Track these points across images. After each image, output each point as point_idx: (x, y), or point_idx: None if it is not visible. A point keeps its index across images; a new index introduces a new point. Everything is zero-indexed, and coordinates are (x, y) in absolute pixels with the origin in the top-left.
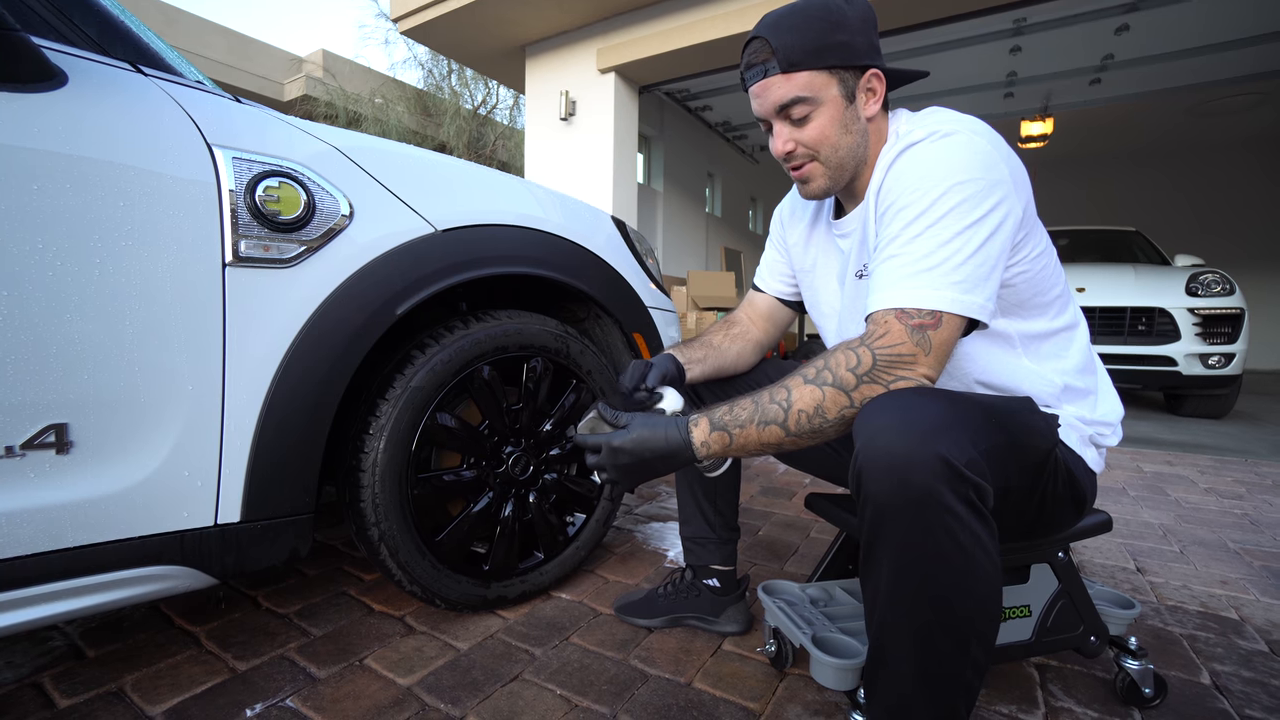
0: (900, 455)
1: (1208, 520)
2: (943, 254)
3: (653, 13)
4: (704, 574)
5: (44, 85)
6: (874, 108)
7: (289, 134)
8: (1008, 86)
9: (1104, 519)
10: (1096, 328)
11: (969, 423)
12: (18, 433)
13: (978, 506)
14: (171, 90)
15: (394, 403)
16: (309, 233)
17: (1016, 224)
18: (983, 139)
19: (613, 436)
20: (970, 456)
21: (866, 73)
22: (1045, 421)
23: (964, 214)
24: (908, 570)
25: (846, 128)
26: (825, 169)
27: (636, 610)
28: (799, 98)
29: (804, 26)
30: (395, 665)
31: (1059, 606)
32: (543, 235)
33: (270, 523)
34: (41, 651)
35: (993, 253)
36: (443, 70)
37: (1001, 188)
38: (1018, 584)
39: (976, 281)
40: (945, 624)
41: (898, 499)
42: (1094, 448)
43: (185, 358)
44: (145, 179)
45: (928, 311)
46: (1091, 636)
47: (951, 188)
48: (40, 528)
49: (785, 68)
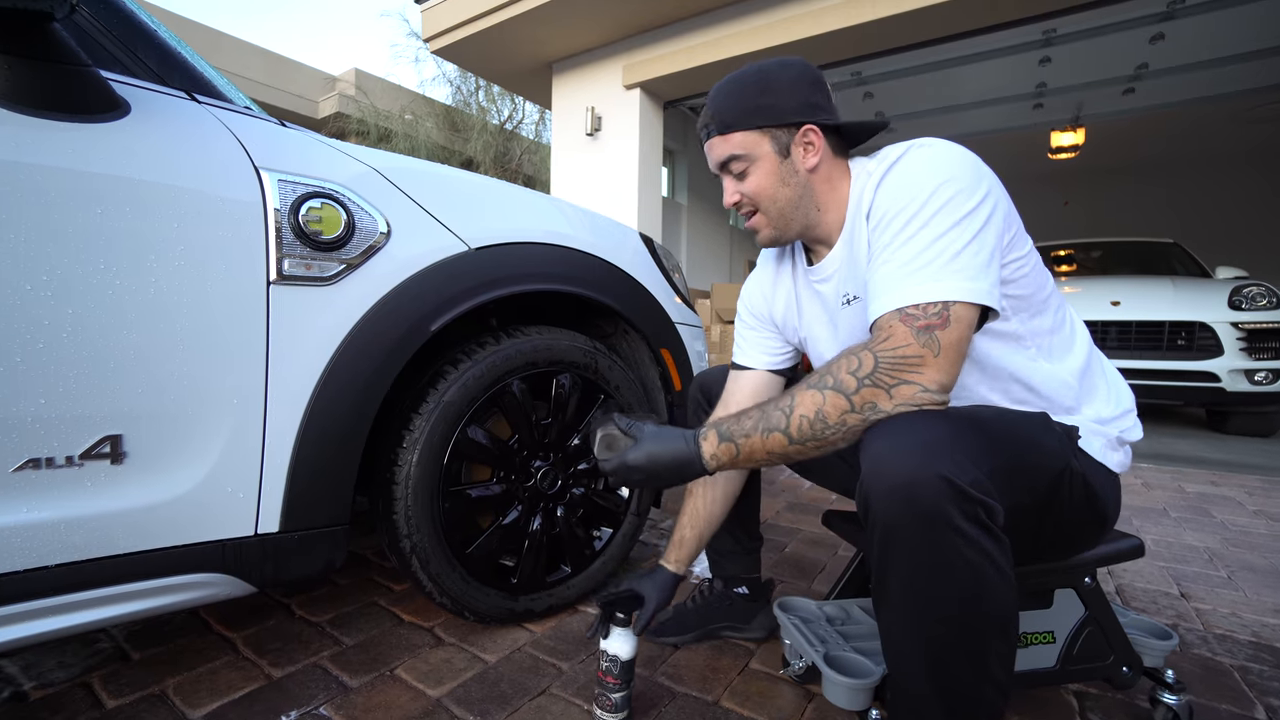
0: (904, 476)
1: (1257, 544)
2: (939, 247)
3: (677, 30)
4: (733, 583)
5: (110, 115)
6: (813, 159)
7: (330, 156)
8: (1037, 97)
9: (1135, 544)
10: (1133, 342)
11: (972, 443)
12: (77, 443)
13: (986, 525)
14: (222, 116)
15: (427, 417)
16: (349, 251)
17: (1005, 218)
18: (959, 148)
19: (626, 454)
20: (974, 476)
21: (800, 129)
22: (1057, 439)
23: (955, 208)
24: (918, 589)
25: (784, 180)
26: (768, 219)
27: (666, 629)
28: (734, 155)
29: (737, 92)
30: (425, 676)
31: (1086, 634)
32: (571, 252)
33: (308, 533)
34: (90, 653)
35: (989, 242)
36: (470, 87)
37: (987, 181)
38: (1040, 609)
39: (978, 269)
40: (960, 642)
41: (904, 519)
42: (1119, 449)
43: (231, 373)
44: (198, 201)
45: (934, 307)
46: (1124, 667)
47: (940, 186)
48: (94, 535)
49: (721, 129)
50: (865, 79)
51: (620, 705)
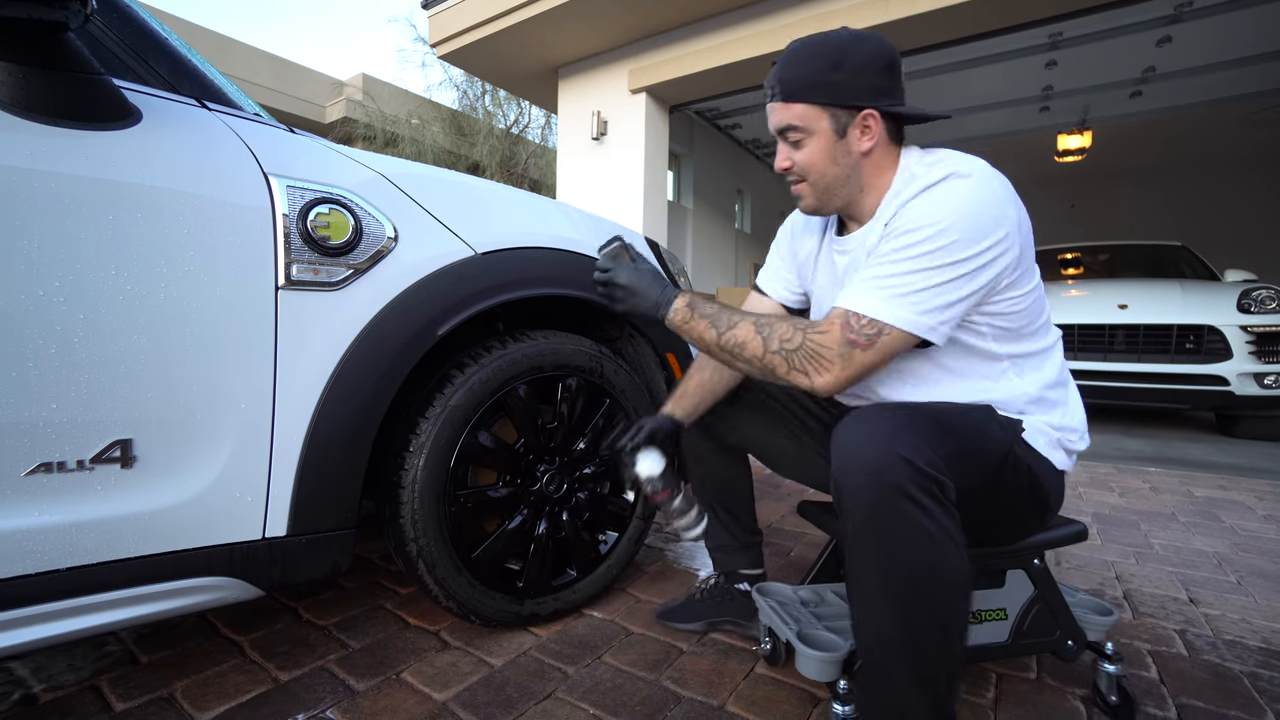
0: (871, 459)
1: (1267, 549)
2: (909, 279)
3: (683, 34)
4: (734, 579)
5: (122, 123)
6: (867, 143)
7: (338, 162)
8: (1043, 100)
9: (1079, 529)
10: (1141, 346)
11: (925, 430)
12: (88, 447)
13: (941, 499)
14: (232, 123)
15: (434, 421)
16: (356, 257)
17: (1011, 265)
18: (998, 182)
19: (618, 272)
20: (930, 458)
21: (861, 112)
22: (1000, 426)
23: (946, 254)
24: (887, 558)
25: (834, 159)
26: (813, 190)
27: (677, 615)
28: (792, 125)
29: (807, 62)
30: (431, 680)
31: (1035, 611)
32: (577, 257)
33: (315, 537)
34: (99, 656)
35: (965, 289)
36: (476, 91)
37: (1000, 230)
38: (994, 588)
39: (934, 308)
40: (925, 603)
41: (872, 496)
42: (1059, 450)
43: (240, 377)
44: (208, 207)
45: (871, 326)
46: (1069, 641)
47: (944, 229)
48: (105, 538)
49: (784, 97)
50: None
51: (684, 505)
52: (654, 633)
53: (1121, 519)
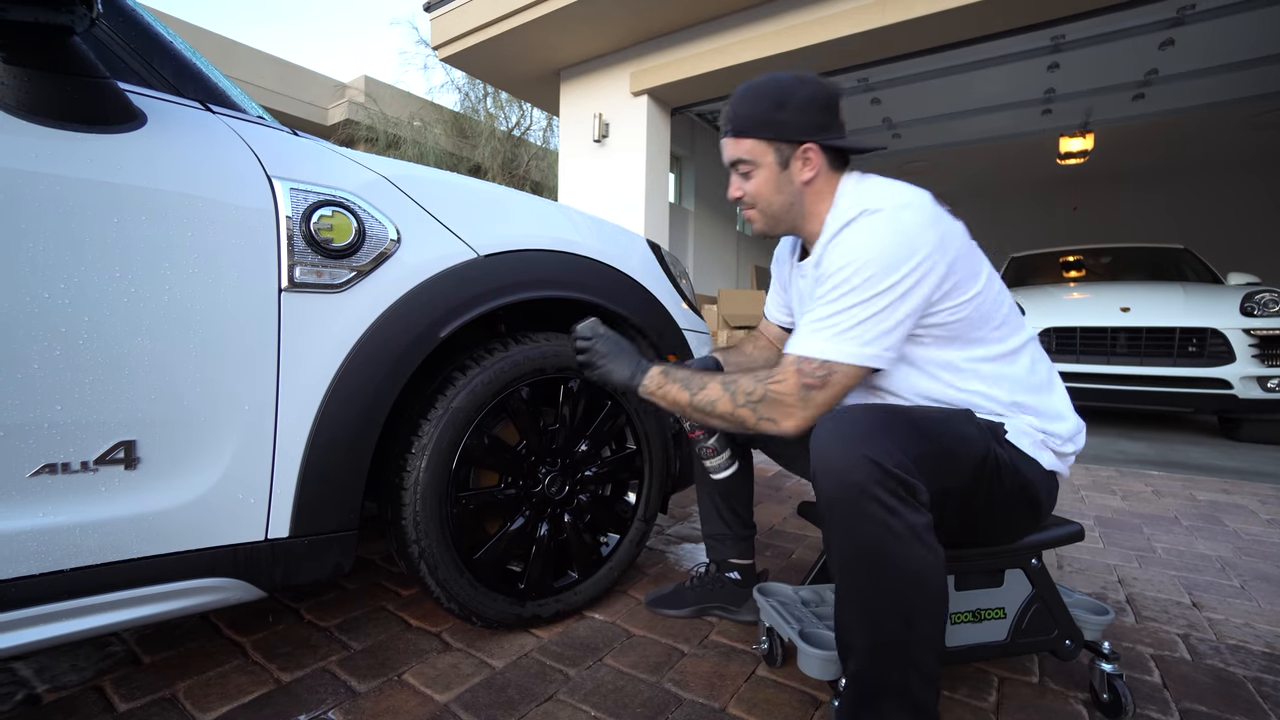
0: (838, 460)
1: (1271, 554)
2: (843, 316)
3: (685, 36)
4: (725, 568)
5: (127, 126)
6: (808, 174)
7: (341, 164)
8: (1046, 103)
9: (1075, 529)
10: (1143, 349)
11: (898, 433)
12: (92, 448)
13: (909, 501)
14: (236, 126)
15: (436, 423)
16: (359, 259)
17: (938, 281)
18: (909, 211)
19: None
20: (898, 459)
21: (802, 146)
22: (978, 428)
23: (869, 286)
24: (856, 555)
25: (779, 189)
26: (762, 216)
27: (666, 602)
28: (742, 159)
29: (755, 102)
30: (433, 681)
31: (1033, 610)
32: (579, 259)
33: (317, 538)
34: (102, 656)
35: (897, 313)
36: (479, 93)
37: (915, 257)
38: (992, 587)
39: (872, 337)
40: (890, 602)
41: (838, 494)
42: (1050, 452)
43: (243, 379)
44: (212, 209)
45: (821, 369)
46: (1066, 640)
47: (863, 264)
48: (108, 539)
49: (735, 133)
50: (873, 85)
51: (718, 446)
52: (655, 635)
53: (1124, 522)
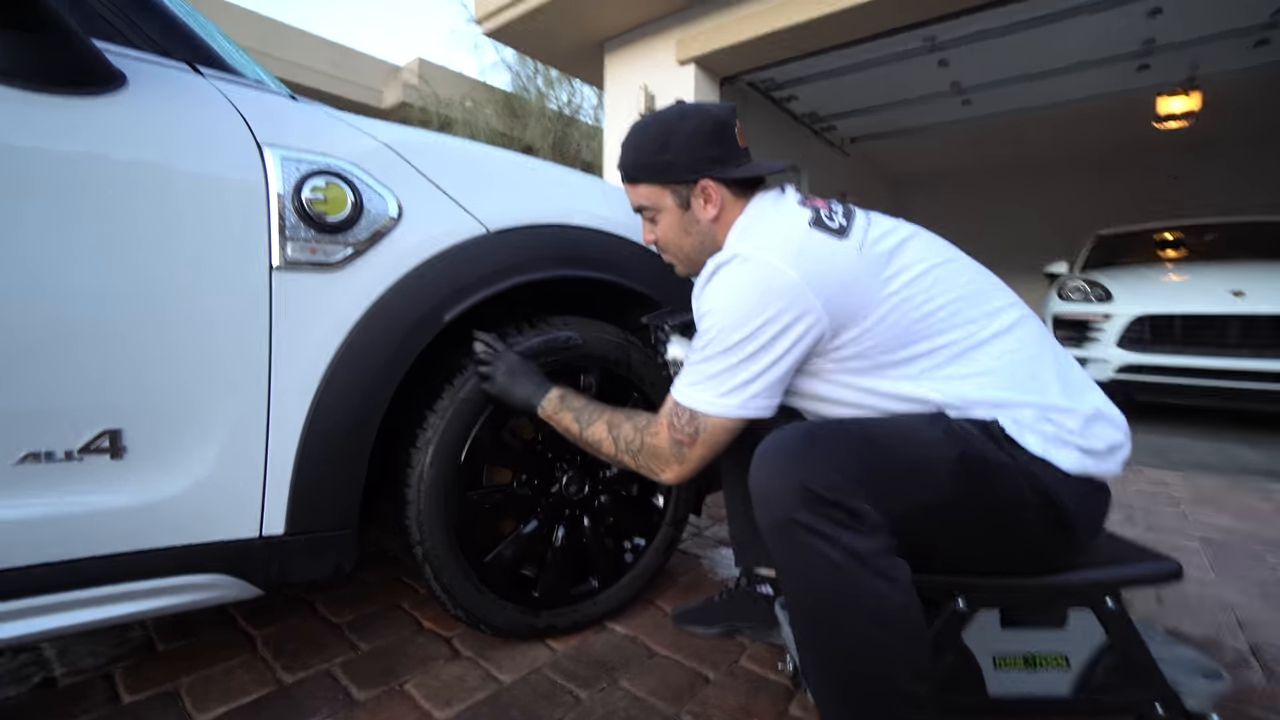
0: (763, 486)
1: None
2: (704, 367)
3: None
4: (755, 579)
5: (104, 89)
6: (712, 210)
7: (340, 130)
8: (1143, 56)
9: (1170, 567)
10: (1262, 340)
11: (836, 451)
12: (76, 437)
13: (848, 525)
14: (226, 90)
15: (441, 415)
16: (356, 234)
17: (810, 324)
18: (769, 254)
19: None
20: (831, 481)
21: (698, 184)
22: (945, 430)
23: (723, 339)
24: (792, 588)
25: (686, 230)
26: (678, 259)
27: (694, 618)
28: (643, 205)
29: (638, 147)
30: (434, 694)
31: (1109, 662)
32: (603, 236)
33: (314, 536)
34: (120, 641)
35: (755, 366)
36: (529, 72)
37: (771, 307)
38: (1051, 627)
39: (730, 389)
40: (836, 637)
41: (768, 524)
42: (1064, 447)
43: (232, 366)
44: (197, 182)
45: (690, 424)
46: (1156, 703)
47: (718, 317)
48: (95, 531)
49: (628, 180)
50: (939, 45)
51: None
52: (679, 656)
53: (1240, 547)
